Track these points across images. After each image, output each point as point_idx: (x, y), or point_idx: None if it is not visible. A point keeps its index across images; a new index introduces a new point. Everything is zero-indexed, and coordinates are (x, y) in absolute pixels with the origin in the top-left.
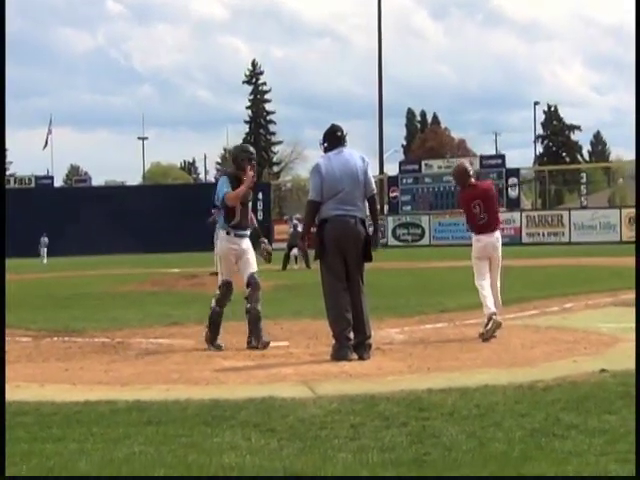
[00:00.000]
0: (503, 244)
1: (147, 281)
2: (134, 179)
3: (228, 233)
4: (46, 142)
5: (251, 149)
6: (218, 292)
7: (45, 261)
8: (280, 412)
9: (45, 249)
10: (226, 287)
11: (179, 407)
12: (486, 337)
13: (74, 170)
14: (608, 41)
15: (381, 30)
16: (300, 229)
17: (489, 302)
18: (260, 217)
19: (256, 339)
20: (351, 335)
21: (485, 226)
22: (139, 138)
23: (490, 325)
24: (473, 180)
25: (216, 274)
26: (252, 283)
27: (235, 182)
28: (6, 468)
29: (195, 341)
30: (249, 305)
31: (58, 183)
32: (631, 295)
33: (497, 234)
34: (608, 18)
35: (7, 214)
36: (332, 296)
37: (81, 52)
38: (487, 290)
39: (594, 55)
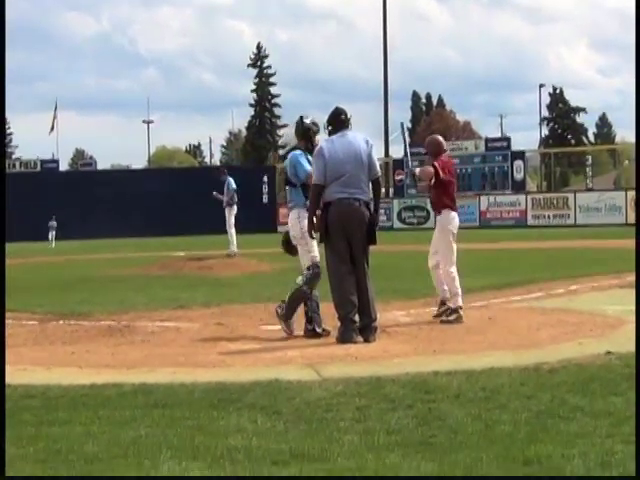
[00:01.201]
0: (509, 226)
1: (153, 264)
2: (139, 163)
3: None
4: (52, 126)
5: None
6: (309, 272)
7: (53, 245)
8: (286, 395)
9: (53, 233)
10: (317, 267)
11: (185, 390)
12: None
13: (79, 154)
14: (613, 23)
15: (386, 13)
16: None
17: (461, 293)
18: (265, 200)
19: (319, 325)
20: (356, 318)
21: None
22: (144, 122)
23: (453, 317)
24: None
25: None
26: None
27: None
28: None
29: (201, 324)
30: (310, 292)
31: (63, 167)
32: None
33: None
34: (612, 3)
35: (12, 198)
36: (337, 279)
37: (86, 36)
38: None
39: (599, 37)
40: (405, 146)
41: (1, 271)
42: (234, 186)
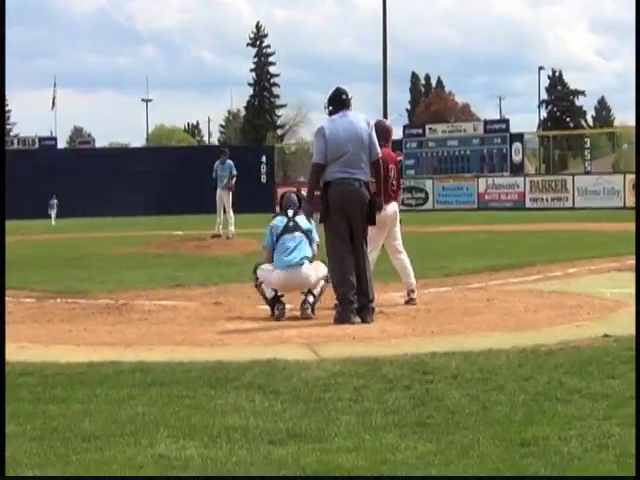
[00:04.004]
0: (508, 208)
1: (151, 243)
2: (138, 141)
3: None
4: (53, 103)
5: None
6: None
7: (54, 223)
8: (284, 374)
9: (55, 210)
10: None
11: (183, 369)
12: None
13: (77, 132)
14: (613, 5)
15: None
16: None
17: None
18: (264, 180)
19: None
20: (355, 298)
21: (395, 192)
22: (143, 100)
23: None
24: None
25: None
26: None
27: None
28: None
29: (199, 303)
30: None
31: (61, 145)
32: (634, 260)
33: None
34: None
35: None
36: (336, 259)
37: (84, 12)
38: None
39: (599, 19)
40: None
41: (1, 251)
42: (235, 171)
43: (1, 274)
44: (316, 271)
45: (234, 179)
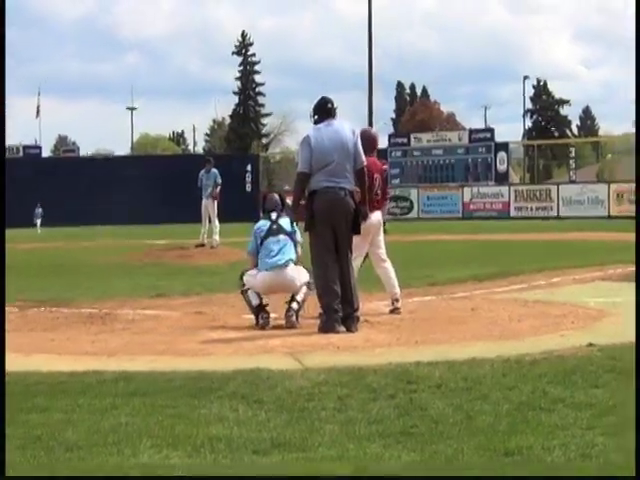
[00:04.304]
0: (492, 217)
1: (135, 252)
2: (122, 150)
3: None
4: (37, 111)
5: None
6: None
7: (39, 231)
8: (268, 384)
9: (40, 220)
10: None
11: (166, 378)
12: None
13: (62, 140)
14: (597, 14)
15: (371, 2)
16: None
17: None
18: (249, 189)
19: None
20: (339, 307)
21: (379, 202)
22: (128, 108)
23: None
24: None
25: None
26: None
27: None
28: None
29: (182, 312)
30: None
31: (46, 153)
32: (619, 270)
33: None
34: None
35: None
36: (321, 268)
37: (68, 19)
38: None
39: (583, 28)
40: None
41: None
42: (220, 180)
43: (1, 281)
44: (299, 276)
45: (219, 188)
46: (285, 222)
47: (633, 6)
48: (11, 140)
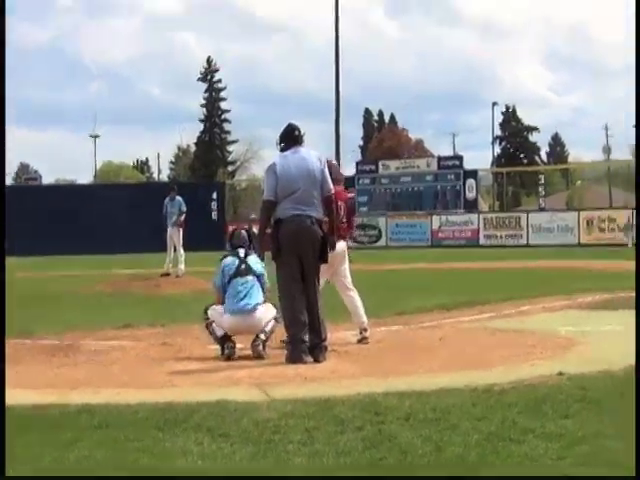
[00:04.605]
0: (461, 245)
1: (99, 282)
2: (85, 178)
3: None
4: None
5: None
6: None
7: None
8: (233, 416)
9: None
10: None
11: (130, 411)
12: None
13: (24, 168)
14: (566, 40)
15: (338, 29)
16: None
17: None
18: (214, 217)
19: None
20: (306, 337)
21: (344, 230)
22: (91, 136)
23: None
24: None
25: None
26: None
27: None
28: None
29: (147, 343)
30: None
31: (8, 182)
32: (588, 298)
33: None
34: (566, 17)
35: None
36: (288, 297)
37: (30, 47)
38: None
39: (552, 54)
40: None
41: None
42: (185, 208)
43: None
44: (267, 314)
45: (184, 216)
46: (254, 261)
47: (633, 6)
48: None
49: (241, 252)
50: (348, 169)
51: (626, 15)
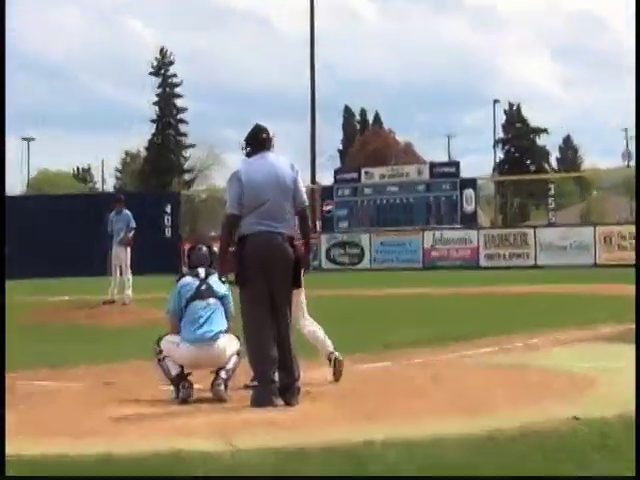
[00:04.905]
0: (458, 267)
1: (32, 311)
2: (16, 188)
3: None
4: None
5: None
6: None
7: None
8: (190, 470)
9: None
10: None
11: (66, 463)
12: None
13: None
14: (578, 29)
15: (314, 16)
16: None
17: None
18: (168, 234)
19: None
20: (276, 377)
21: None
22: (24, 139)
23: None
24: None
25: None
26: None
27: None
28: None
29: (88, 383)
30: None
31: None
32: (608, 329)
33: None
34: (575, 4)
35: None
36: (254, 330)
37: None
38: None
39: (562, 45)
40: None
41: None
42: (134, 224)
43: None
44: (230, 346)
45: (132, 232)
46: (216, 282)
47: (633, 6)
48: None
49: (201, 272)
50: (325, 177)
51: None
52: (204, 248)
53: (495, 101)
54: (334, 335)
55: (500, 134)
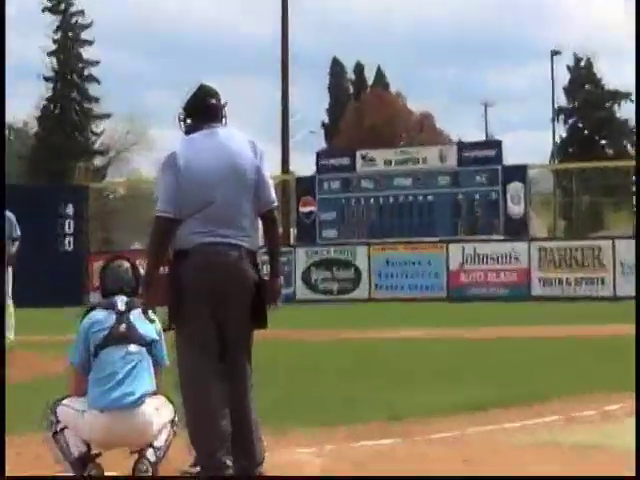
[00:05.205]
0: (500, 297)
1: None
2: None
3: None
4: None
5: None
6: None
7: None
8: None
9: None
10: None
11: None
12: None
13: None
14: None
15: None
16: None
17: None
18: (69, 248)
19: None
20: (229, 460)
21: None
22: None
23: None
24: None
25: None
26: None
27: None
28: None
29: None
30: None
31: None
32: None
33: None
34: None
35: None
36: (195, 390)
37: None
38: None
39: None
40: None
41: None
42: (18, 232)
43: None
44: (160, 414)
45: (17, 245)
46: (141, 319)
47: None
48: None
49: (119, 302)
50: (303, 163)
51: None
52: (125, 264)
53: (554, 52)
54: (316, 394)
55: (562, 102)
